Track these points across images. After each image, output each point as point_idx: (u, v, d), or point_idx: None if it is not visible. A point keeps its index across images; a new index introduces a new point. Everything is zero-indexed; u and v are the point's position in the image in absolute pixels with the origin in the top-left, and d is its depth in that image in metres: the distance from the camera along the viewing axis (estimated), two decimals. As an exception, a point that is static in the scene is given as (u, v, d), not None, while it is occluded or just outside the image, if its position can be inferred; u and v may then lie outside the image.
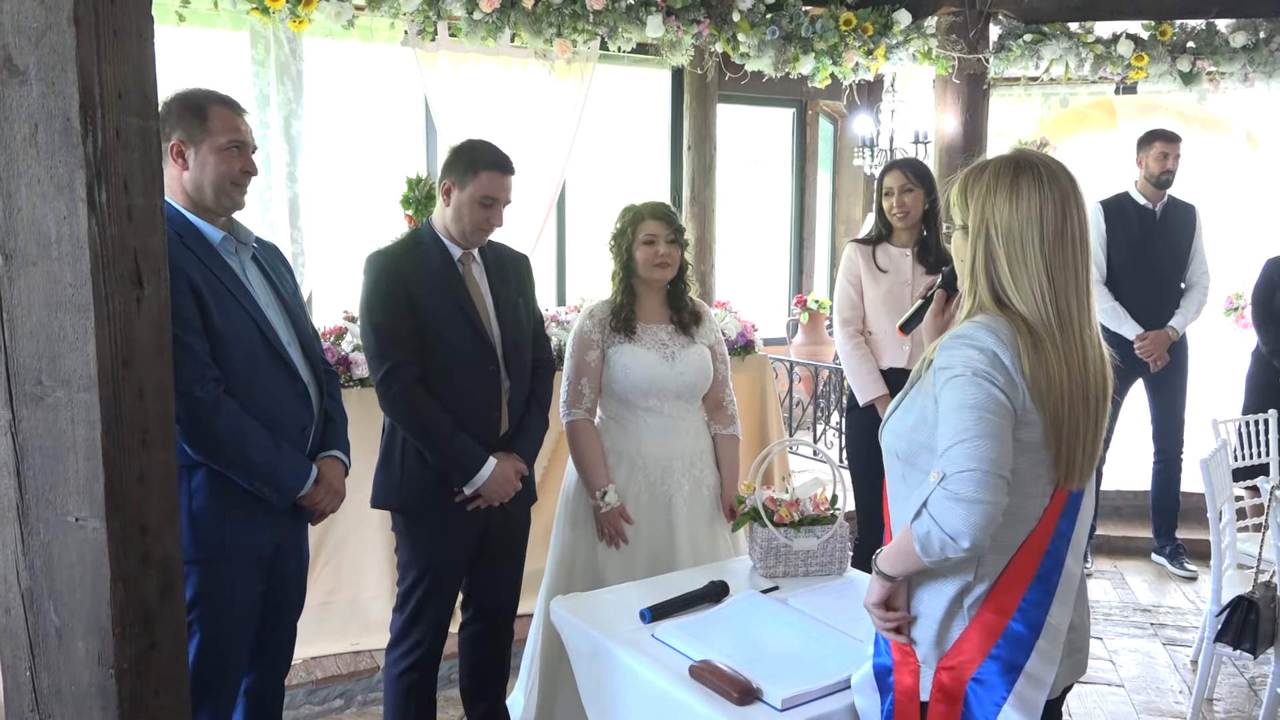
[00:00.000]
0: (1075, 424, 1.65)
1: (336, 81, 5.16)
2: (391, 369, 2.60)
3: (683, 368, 2.90)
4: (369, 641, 3.63)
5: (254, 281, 2.32)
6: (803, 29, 4.84)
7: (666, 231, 2.88)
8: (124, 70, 1.41)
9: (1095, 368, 1.69)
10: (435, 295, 2.63)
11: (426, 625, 2.75)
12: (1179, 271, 4.68)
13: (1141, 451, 4.92)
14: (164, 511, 1.52)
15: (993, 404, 1.59)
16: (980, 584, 1.67)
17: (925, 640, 1.70)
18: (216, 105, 2.24)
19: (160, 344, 1.50)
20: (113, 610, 1.44)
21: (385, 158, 5.79)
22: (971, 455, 1.56)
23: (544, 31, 4.52)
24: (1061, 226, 1.65)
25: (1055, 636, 1.69)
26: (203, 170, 2.21)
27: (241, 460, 2.20)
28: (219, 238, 2.26)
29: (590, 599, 2.41)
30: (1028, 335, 1.63)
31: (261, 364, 2.25)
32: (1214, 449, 3.49)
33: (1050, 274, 1.64)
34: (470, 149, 2.68)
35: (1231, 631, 3.03)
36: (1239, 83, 5.13)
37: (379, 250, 2.70)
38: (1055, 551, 1.68)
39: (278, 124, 4.62)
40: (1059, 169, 1.69)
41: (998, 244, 1.66)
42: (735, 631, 2.15)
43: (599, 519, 2.86)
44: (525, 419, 2.81)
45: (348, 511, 3.56)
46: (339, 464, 2.47)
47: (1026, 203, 1.65)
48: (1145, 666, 3.86)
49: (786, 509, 2.55)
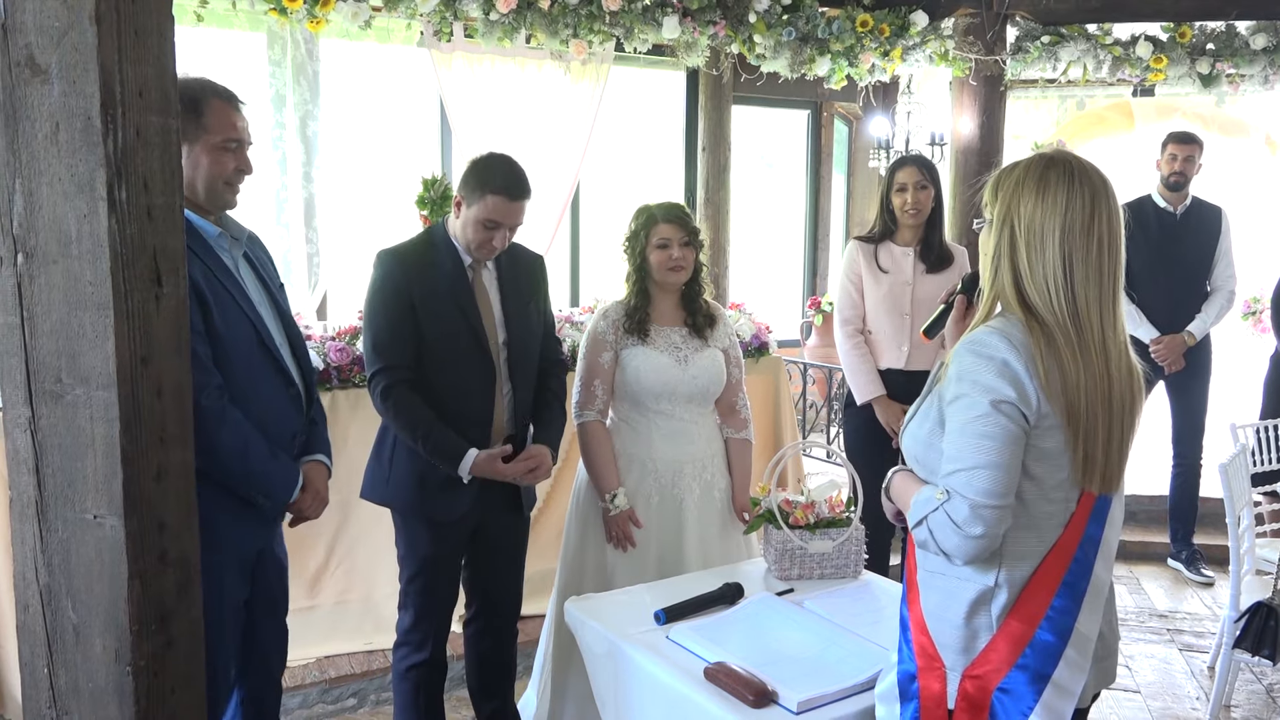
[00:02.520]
0: (1095, 427, 1.63)
1: (353, 82, 5.18)
2: (381, 369, 2.61)
3: (695, 371, 2.89)
4: (382, 640, 3.63)
5: (247, 279, 2.26)
6: (819, 30, 4.83)
7: (680, 235, 2.86)
8: (145, 69, 1.41)
9: (1120, 373, 1.67)
10: (438, 298, 2.63)
11: (428, 621, 2.76)
12: (1201, 275, 4.64)
13: (1159, 456, 4.88)
14: (181, 509, 1.52)
15: (997, 429, 1.59)
16: (1003, 590, 1.66)
17: (951, 646, 1.68)
18: (214, 99, 2.12)
19: (179, 342, 1.50)
20: (130, 608, 1.45)
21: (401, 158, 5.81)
22: (970, 485, 1.59)
23: (560, 32, 4.53)
24: (1088, 225, 1.64)
25: (1084, 645, 1.67)
26: (196, 168, 2.11)
27: (240, 471, 2.16)
28: (215, 233, 2.19)
29: (605, 600, 2.41)
30: (1040, 335, 1.62)
31: (259, 369, 2.21)
32: (1233, 454, 3.46)
33: (1069, 269, 1.63)
34: (485, 168, 2.61)
35: (1250, 637, 3.01)
36: (1259, 85, 5.09)
37: (389, 249, 2.70)
38: (1083, 558, 1.66)
39: (294, 124, 4.64)
40: (1091, 169, 1.68)
41: (1019, 236, 1.66)
42: (750, 634, 2.14)
43: (607, 522, 2.86)
44: (544, 412, 2.82)
45: (361, 512, 3.59)
46: (323, 469, 2.44)
47: (1053, 197, 1.65)
48: (1162, 673, 3.83)
49: (802, 511, 2.54)
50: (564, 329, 4.43)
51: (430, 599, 2.76)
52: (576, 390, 2.93)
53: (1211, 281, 4.65)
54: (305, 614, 3.59)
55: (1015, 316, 1.66)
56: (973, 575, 1.67)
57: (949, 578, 1.69)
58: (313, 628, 3.62)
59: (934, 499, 1.64)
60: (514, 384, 2.74)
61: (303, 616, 3.47)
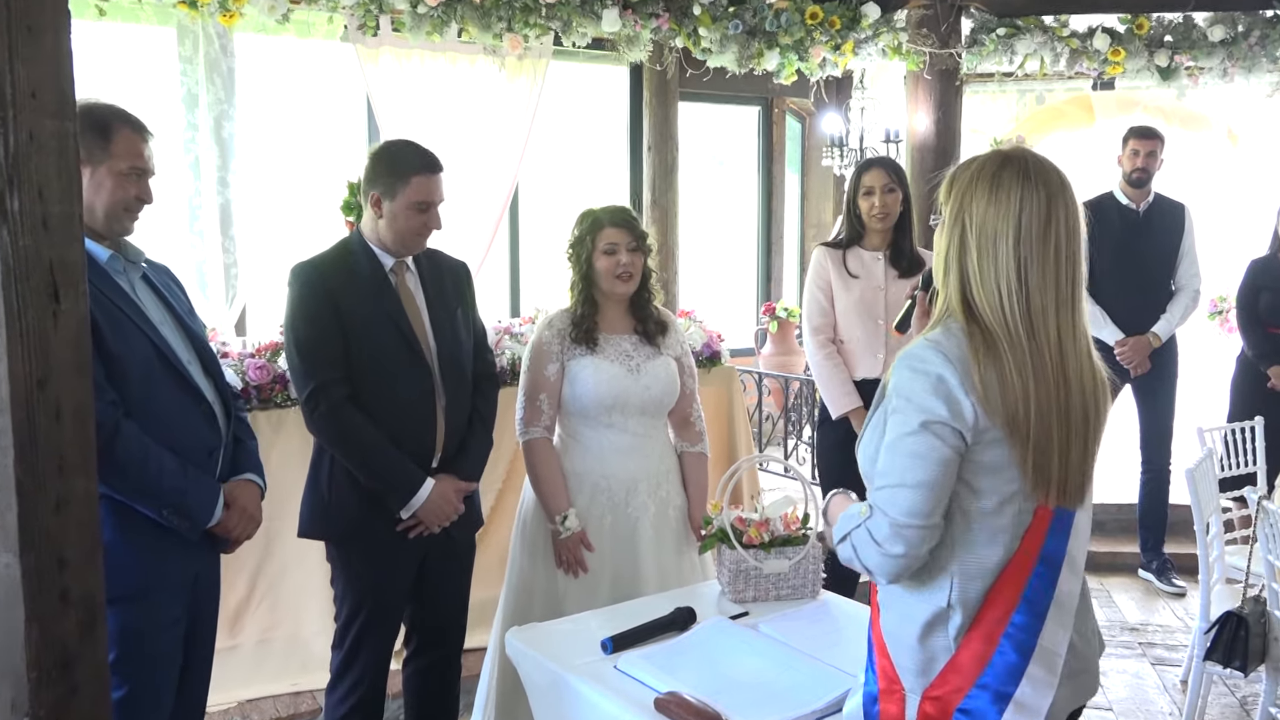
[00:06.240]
0: (1047, 438, 1.66)
1: (271, 80, 5.11)
2: (317, 388, 2.58)
3: (648, 381, 2.90)
4: (310, 681, 3.59)
5: (145, 301, 2.32)
6: (767, 23, 4.89)
7: (628, 239, 2.87)
8: (38, 69, 1.39)
9: (1081, 381, 1.70)
10: (365, 308, 2.62)
11: (367, 661, 2.72)
12: (1166, 274, 4.77)
13: (1127, 463, 4.99)
14: (84, 543, 1.49)
15: (925, 448, 1.63)
16: (957, 612, 1.68)
17: (909, 669, 1.70)
18: (122, 127, 2.24)
19: (79, 362, 1.48)
20: (28, 653, 1.41)
21: (325, 162, 5.74)
22: (893, 502, 1.64)
23: (493, 26, 4.53)
24: (1044, 229, 1.66)
25: (1050, 660, 1.70)
26: (97, 192, 2.21)
27: (146, 487, 2.19)
28: (106, 256, 2.26)
29: (548, 629, 2.40)
30: (981, 344, 1.65)
31: (161, 384, 2.25)
32: (1200, 458, 3.55)
33: (1023, 275, 1.66)
34: (392, 154, 2.68)
35: (1221, 649, 3.08)
36: (1218, 78, 5.25)
37: (305, 261, 2.69)
38: (1044, 573, 1.69)
39: (207, 125, 4.58)
40: (1050, 167, 1.71)
41: (970, 239, 1.69)
42: (703, 661, 2.15)
43: (558, 546, 2.85)
44: (468, 436, 2.80)
45: (286, 542, 3.54)
46: (253, 487, 2.47)
47: (1006, 198, 1.67)
48: (1134, 688, 3.91)
49: (756, 529, 2.56)
50: (503, 340, 4.43)
51: (372, 637, 2.72)
52: (520, 406, 2.92)
53: (1176, 280, 4.78)
54: (225, 654, 3.51)
55: (957, 324, 1.69)
56: (927, 596, 1.69)
57: (904, 598, 1.72)
58: (233, 669, 3.56)
59: (857, 515, 1.69)
60: (449, 398, 2.73)
61: (222, 657, 3.39)
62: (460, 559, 2.88)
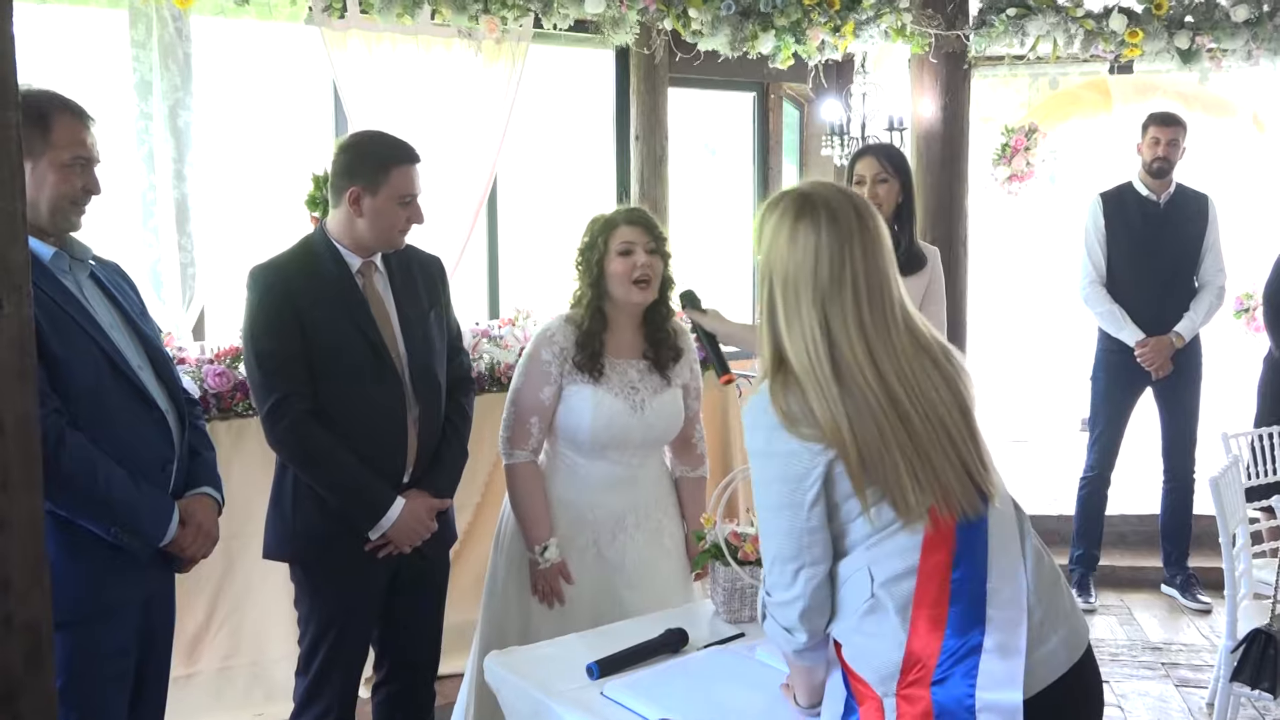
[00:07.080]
0: (888, 461, 1.72)
1: (230, 66, 5.12)
2: (279, 401, 2.57)
3: (652, 419, 2.85)
4: (274, 711, 3.58)
5: (93, 301, 2.31)
6: (761, 3, 4.90)
7: (646, 239, 2.77)
8: (-24, 55, 1.39)
9: (917, 391, 1.76)
10: (330, 314, 2.62)
11: (333, 689, 2.72)
12: (1188, 269, 4.78)
13: (1148, 472, 5.01)
14: (29, 565, 1.49)
15: (777, 497, 1.76)
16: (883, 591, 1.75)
17: (877, 678, 1.75)
18: (62, 113, 2.22)
19: (22, 369, 1.48)
20: (-32, 682, 1.41)
21: (288, 154, 5.73)
22: (767, 551, 1.82)
23: (469, 7, 4.53)
24: (839, 274, 1.75)
25: (1012, 595, 1.75)
26: (40, 187, 2.19)
27: (94, 502, 2.18)
28: (49, 254, 2.24)
29: (530, 654, 2.40)
30: (786, 390, 1.75)
31: (110, 391, 2.24)
32: (1225, 466, 3.56)
33: (826, 327, 1.74)
34: (371, 147, 2.68)
35: (1248, 669, 3.09)
36: (1242, 61, 5.27)
37: (264, 263, 2.68)
38: (960, 590, 1.74)
39: (162, 115, 4.56)
40: (846, 207, 1.79)
41: (777, 293, 1.79)
42: (694, 687, 2.16)
43: (535, 575, 2.82)
44: (442, 449, 2.79)
45: (248, 562, 3.54)
46: (210, 502, 2.46)
47: (802, 249, 1.77)
48: (1158, 712, 3.93)
49: (752, 545, 2.56)
50: (480, 344, 4.43)
51: (339, 663, 2.72)
52: (506, 425, 2.87)
53: (1199, 276, 4.80)
54: (183, 682, 3.52)
55: (766, 378, 1.80)
56: (877, 626, 1.75)
57: (846, 619, 1.79)
58: (192, 698, 3.56)
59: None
60: (421, 407, 2.72)
61: (180, 685, 3.40)
62: (433, 579, 2.88)
